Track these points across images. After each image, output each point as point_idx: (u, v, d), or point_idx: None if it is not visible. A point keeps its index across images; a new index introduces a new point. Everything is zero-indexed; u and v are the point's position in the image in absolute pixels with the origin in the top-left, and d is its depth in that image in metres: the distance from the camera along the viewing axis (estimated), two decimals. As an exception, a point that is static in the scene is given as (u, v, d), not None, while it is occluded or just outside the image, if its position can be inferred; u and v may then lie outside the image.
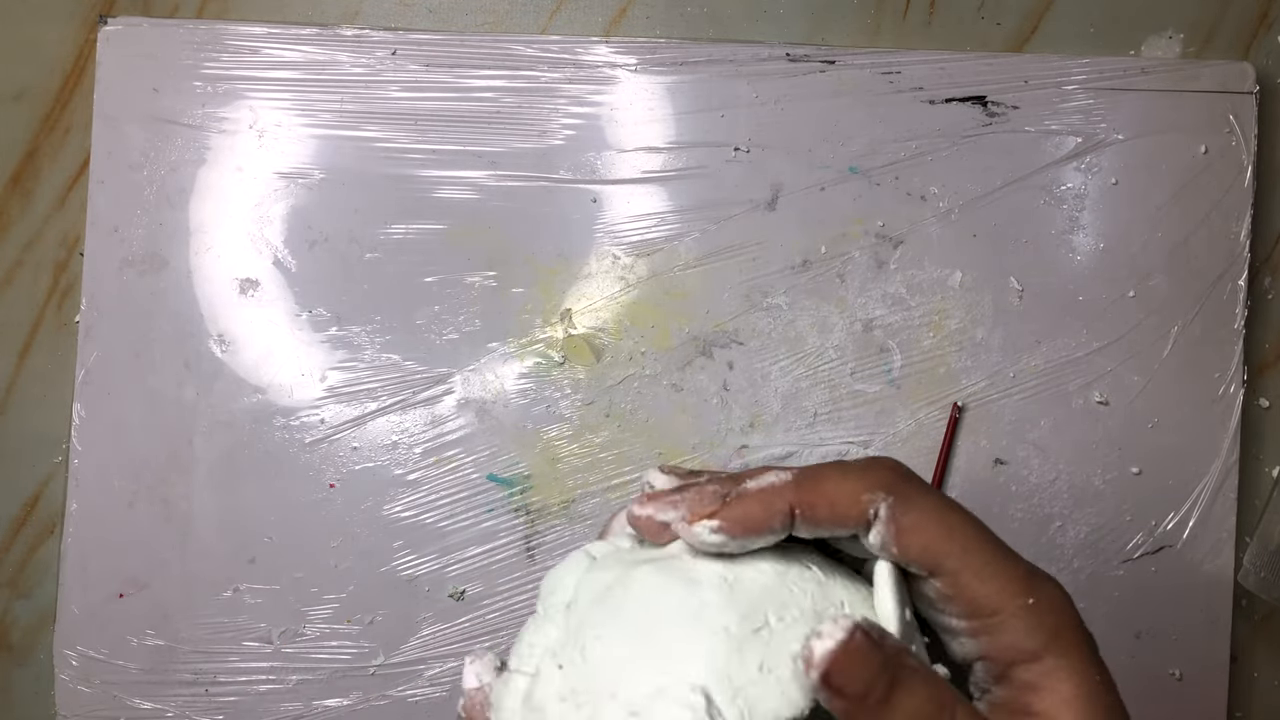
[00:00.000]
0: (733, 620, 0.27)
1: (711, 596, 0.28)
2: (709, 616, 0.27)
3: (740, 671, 0.26)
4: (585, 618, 0.29)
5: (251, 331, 0.57)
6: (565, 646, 0.29)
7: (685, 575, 0.29)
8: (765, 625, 0.27)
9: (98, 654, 0.56)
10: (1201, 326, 0.58)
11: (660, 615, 0.28)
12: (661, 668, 0.26)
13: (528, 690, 0.29)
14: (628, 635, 0.28)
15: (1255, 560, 0.57)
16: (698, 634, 0.27)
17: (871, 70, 0.58)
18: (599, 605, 0.29)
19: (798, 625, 0.27)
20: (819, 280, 0.58)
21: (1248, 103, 0.58)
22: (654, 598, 0.28)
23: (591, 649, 0.28)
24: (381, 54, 0.58)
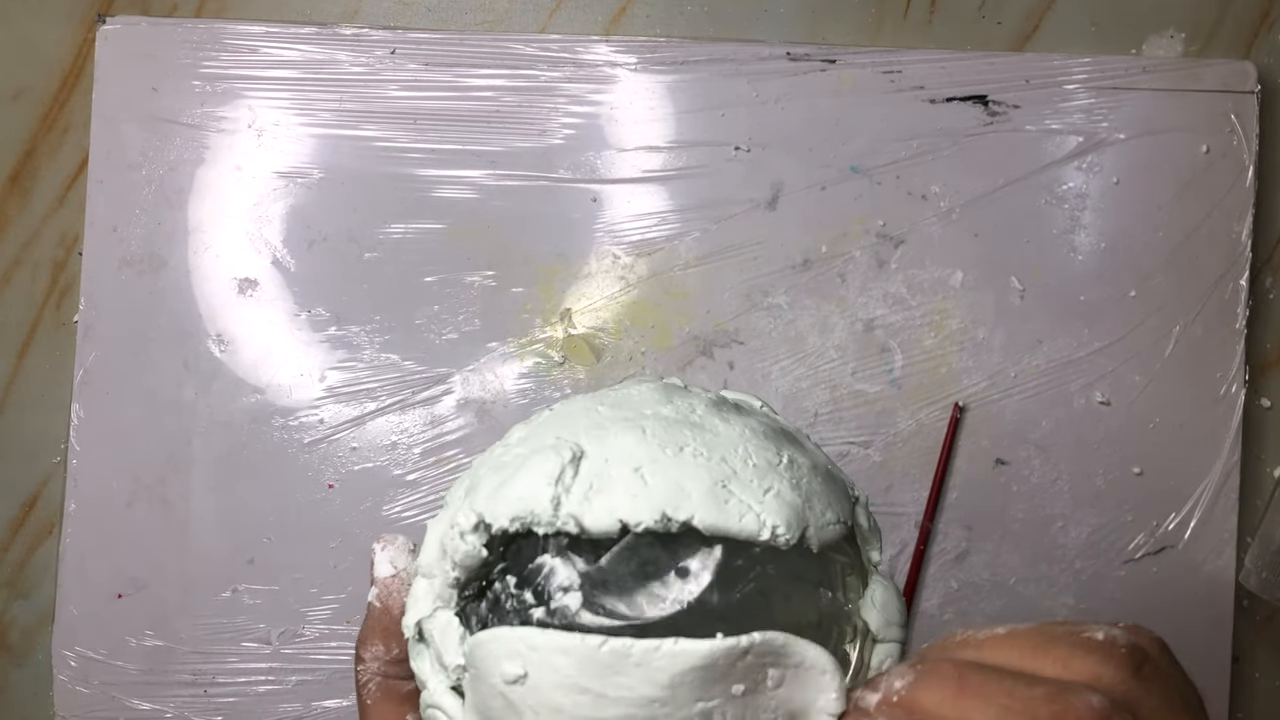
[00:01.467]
0: (658, 429, 0.27)
1: (667, 411, 0.28)
2: (647, 417, 0.28)
3: (620, 464, 0.26)
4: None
5: (250, 331, 0.57)
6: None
7: (669, 394, 0.29)
8: (680, 452, 0.26)
9: (97, 654, 0.56)
10: (1203, 326, 0.58)
11: (611, 402, 0.29)
12: (572, 431, 0.27)
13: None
14: (572, 410, 0.29)
15: (1257, 561, 0.57)
16: (622, 422, 0.27)
17: (872, 69, 0.58)
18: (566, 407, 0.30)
19: (703, 466, 0.26)
20: (820, 280, 0.58)
21: (1249, 102, 0.58)
22: (628, 393, 0.29)
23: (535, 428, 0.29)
24: (381, 53, 0.58)
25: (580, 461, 0.26)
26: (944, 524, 0.57)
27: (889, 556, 0.57)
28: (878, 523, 0.31)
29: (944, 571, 0.57)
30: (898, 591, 0.29)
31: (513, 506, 0.26)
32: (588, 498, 0.25)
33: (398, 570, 0.30)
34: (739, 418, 0.29)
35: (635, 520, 0.25)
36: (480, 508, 0.26)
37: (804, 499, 0.26)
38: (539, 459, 0.26)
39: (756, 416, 0.30)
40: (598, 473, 0.26)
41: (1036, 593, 0.57)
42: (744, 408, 0.31)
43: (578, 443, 0.27)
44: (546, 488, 0.26)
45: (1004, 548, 0.57)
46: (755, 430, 0.28)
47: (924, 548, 0.57)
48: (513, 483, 0.26)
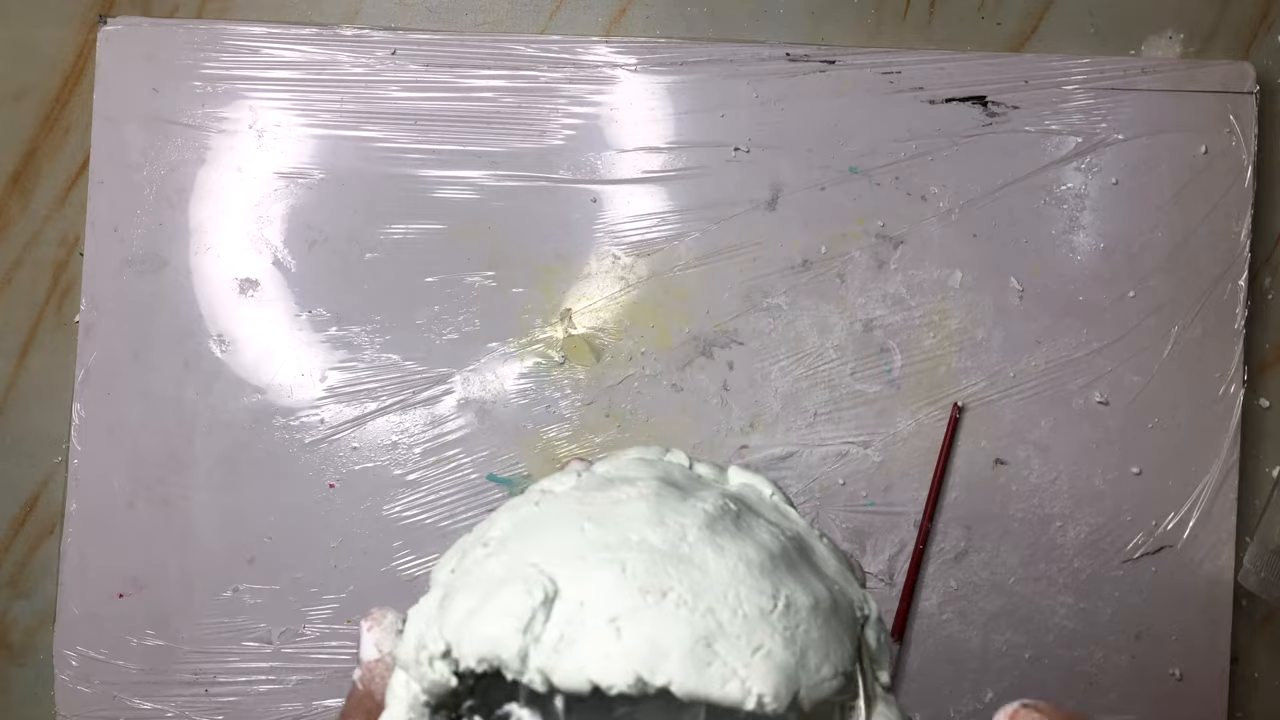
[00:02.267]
0: (639, 568, 0.24)
1: (654, 538, 0.25)
2: (632, 545, 0.25)
3: (595, 611, 0.24)
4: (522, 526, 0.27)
5: (251, 331, 0.57)
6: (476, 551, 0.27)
7: (663, 506, 0.27)
8: (661, 599, 0.24)
9: (97, 654, 0.56)
10: (1202, 326, 0.58)
11: (596, 517, 0.26)
12: (549, 558, 0.25)
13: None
14: (556, 518, 0.27)
15: (1255, 560, 0.57)
16: (602, 551, 0.25)
17: (872, 70, 0.58)
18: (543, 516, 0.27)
19: (685, 619, 0.24)
20: (819, 280, 0.58)
21: (1248, 103, 0.58)
22: (616, 500, 0.27)
23: (512, 541, 0.26)
24: (381, 54, 0.58)
25: (553, 604, 0.24)
26: (943, 523, 0.57)
27: (888, 556, 0.57)
28: (889, 636, 0.28)
29: (943, 571, 0.57)
30: (901, 715, 0.27)
31: (479, 647, 0.24)
32: (558, 650, 0.23)
33: (383, 654, 0.28)
34: (734, 542, 0.26)
35: (608, 683, 0.23)
36: (449, 635, 0.25)
37: (798, 656, 0.24)
38: (510, 594, 0.24)
39: (759, 530, 0.27)
40: (570, 619, 0.24)
41: (1035, 592, 0.57)
42: (748, 511, 0.28)
43: (553, 578, 0.24)
44: (515, 634, 0.23)
45: (1003, 547, 0.57)
46: (752, 562, 0.25)
47: (923, 547, 0.57)
48: (481, 617, 0.24)
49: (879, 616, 0.28)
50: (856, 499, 0.57)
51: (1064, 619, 0.57)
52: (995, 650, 0.57)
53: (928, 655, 0.57)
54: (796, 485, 0.57)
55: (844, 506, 0.57)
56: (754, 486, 0.30)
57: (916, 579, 0.57)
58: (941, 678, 0.57)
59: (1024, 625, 0.57)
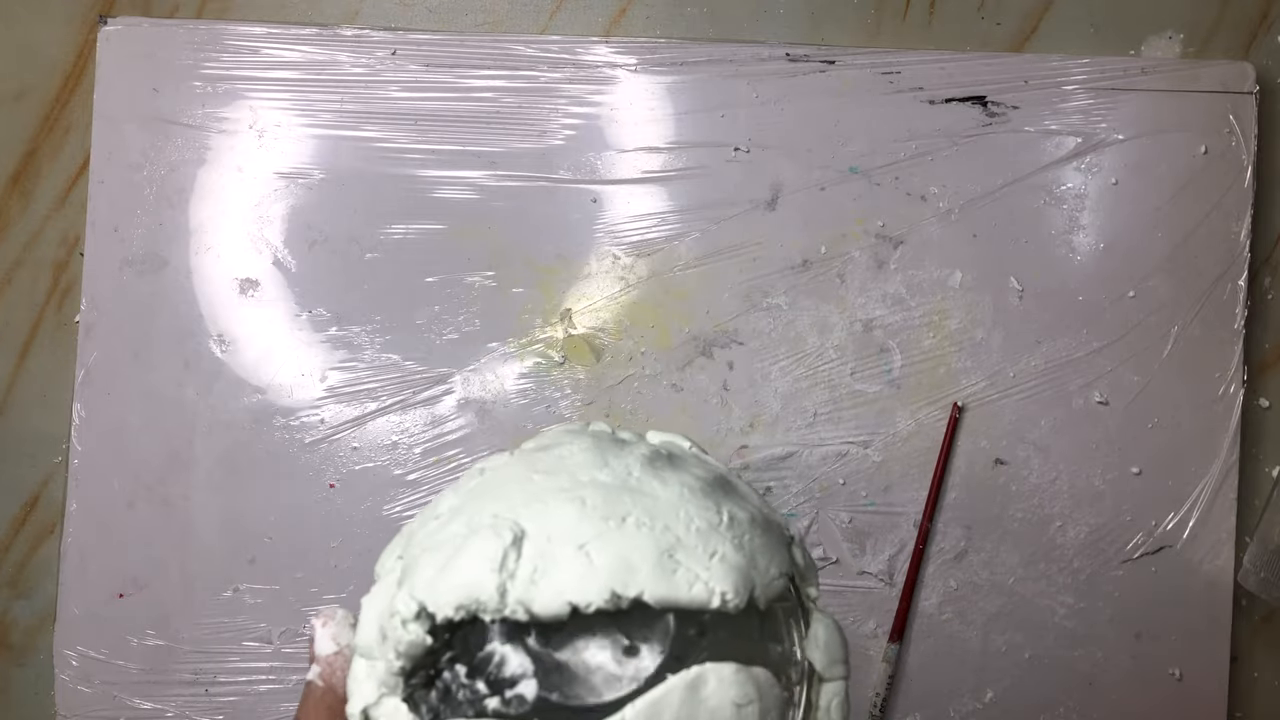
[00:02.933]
0: (598, 500, 0.26)
1: (603, 477, 0.27)
2: (584, 485, 0.27)
3: (563, 542, 0.25)
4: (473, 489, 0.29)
5: (251, 331, 0.57)
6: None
7: (603, 454, 0.29)
8: (622, 523, 0.26)
9: (98, 654, 0.56)
10: (1201, 326, 0.58)
11: (545, 469, 0.28)
12: (509, 507, 0.27)
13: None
14: (505, 479, 0.28)
15: (1255, 560, 0.57)
16: (559, 493, 0.27)
17: (871, 70, 0.58)
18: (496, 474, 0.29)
19: (648, 536, 0.26)
20: (819, 280, 0.58)
21: (1248, 103, 0.58)
22: (560, 456, 0.28)
23: (471, 492, 0.28)
24: (381, 54, 0.58)
25: (522, 542, 0.25)
26: (943, 523, 0.57)
27: (888, 556, 0.57)
28: (812, 557, 0.31)
29: (943, 571, 0.57)
30: (838, 626, 0.29)
31: (456, 594, 0.25)
32: (534, 581, 0.25)
33: (340, 647, 0.28)
34: (674, 474, 0.28)
35: (585, 601, 0.24)
36: (420, 595, 0.26)
37: (748, 558, 0.26)
38: (479, 541, 0.26)
39: (690, 467, 0.30)
40: (541, 553, 0.25)
41: (1035, 592, 0.57)
42: (676, 456, 0.31)
43: (517, 521, 0.26)
44: (491, 574, 0.25)
45: (1003, 547, 0.57)
46: (693, 488, 0.28)
47: (923, 547, 0.57)
48: (453, 568, 0.25)
49: (801, 538, 0.30)
50: (856, 499, 0.57)
51: (1064, 619, 0.57)
52: (995, 650, 0.57)
53: (928, 655, 0.57)
54: (796, 485, 0.57)
55: (844, 506, 0.57)
56: (674, 442, 0.33)
57: (916, 579, 0.57)
58: (941, 678, 0.57)
59: (1024, 625, 0.57)
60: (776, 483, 0.57)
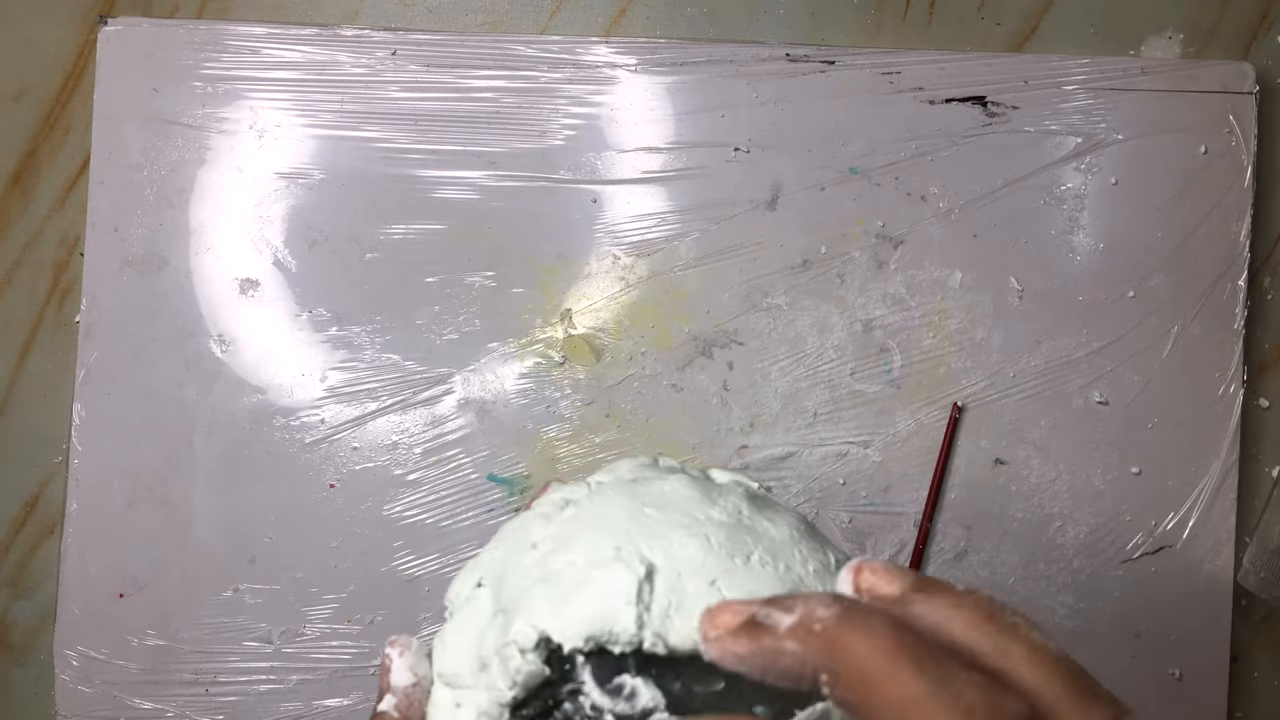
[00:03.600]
0: (721, 537, 0.27)
1: (718, 514, 0.28)
2: (702, 522, 0.28)
3: (694, 577, 0.26)
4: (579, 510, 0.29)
5: (251, 331, 0.57)
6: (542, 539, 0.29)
7: (707, 491, 0.29)
8: (747, 561, 0.27)
9: (98, 654, 0.56)
10: (1201, 326, 0.58)
11: (655, 503, 0.28)
12: (630, 539, 0.27)
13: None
14: (611, 511, 0.29)
15: (1255, 560, 0.57)
16: (680, 528, 0.27)
17: (871, 70, 0.58)
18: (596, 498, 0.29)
19: (772, 575, 0.27)
20: (819, 280, 0.58)
21: (1248, 103, 0.58)
22: (663, 490, 0.29)
23: (581, 524, 0.28)
24: (381, 54, 0.58)
25: (654, 576, 0.26)
26: (943, 523, 0.57)
27: (888, 556, 0.57)
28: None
29: (943, 571, 0.57)
30: None
31: (589, 626, 0.26)
32: (668, 614, 0.26)
33: (419, 678, 0.28)
34: (778, 514, 0.29)
35: None
36: (543, 625, 0.26)
37: None
38: (609, 573, 0.26)
39: (779, 508, 0.30)
40: (673, 587, 0.26)
41: (1035, 592, 0.57)
42: (760, 497, 0.31)
43: (644, 554, 0.27)
44: (628, 606, 0.26)
45: (1003, 547, 0.57)
46: (798, 529, 0.29)
47: (923, 547, 0.57)
48: (582, 599, 0.26)
49: None
50: (856, 499, 0.57)
51: (1064, 619, 0.57)
52: (995, 650, 0.57)
53: (928, 655, 0.57)
54: (796, 485, 0.57)
55: (844, 506, 0.57)
56: (741, 481, 0.33)
57: (916, 579, 0.57)
58: (941, 678, 0.57)
59: (1024, 625, 0.57)
60: (776, 483, 0.57)
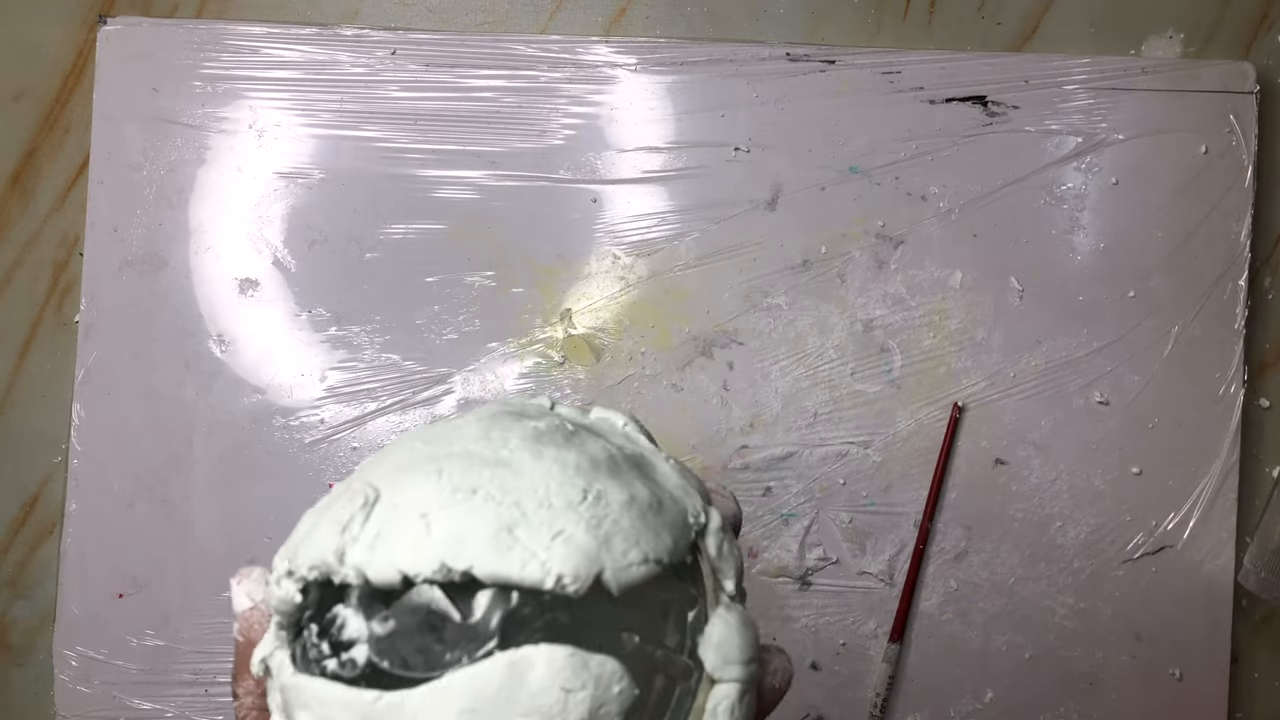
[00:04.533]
0: (454, 470, 0.26)
1: (474, 447, 0.27)
2: (448, 456, 0.27)
3: (410, 505, 0.25)
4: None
5: (251, 331, 0.57)
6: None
7: (495, 424, 0.28)
8: (471, 496, 0.25)
9: (98, 654, 0.56)
10: (1202, 326, 0.58)
11: (431, 437, 0.28)
12: (378, 471, 0.27)
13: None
14: (398, 445, 0.28)
15: (1256, 560, 0.57)
16: (424, 461, 0.26)
17: (871, 70, 0.58)
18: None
19: (492, 511, 0.25)
20: (819, 280, 0.58)
21: (1248, 103, 0.58)
22: (457, 426, 0.28)
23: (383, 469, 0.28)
24: (381, 54, 0.58)
25: (373, 507, 0.26)
26: (943, 523, 0.57)
27: (888, 556, 0.57)
28: (739, 550, 0.29)
29: (943, 571, 0.57)
30: (745, 623, 0.27)
31: (311, 555, 0.26)
32: (373, 547, 0.25)
33: (255, 603, 0.29)
34: (560, 450, 0.27)
35: (415, 571, 0.24)
36: (289, 553, 0.26)
37: (601, 541, 0.25)
38: (340, 504, 0.26)
39: (589, 445, 0.28)
40: (386, 520, 0.25)
41: (1035, 592, 0.57)
42: (587, 432, 0.29)
43: (376, 487, 0.26)
44: (334, 536, 0.25)
45: (1003, 547, 0.57)
46: (571, 465, 0.27)
47: (923, 547, 0.57)
48: (316, 529, 0.26)
49: (723, 526, 0.28)
50: (856, 499, 0.57)
51: (1064, 619, 0.57)
52: (995, 650, 0.57)
53: (928, 655, 0.57)
54: (796, 485, 0.57)
55: (844, 506, 0.57)
56: (608, 418, 0.32)
57: (916, 579, 0.57)
58: (941, 678, 0.57)
59: (1024, 625, 0.57)
60: (776, 483, 0.57)
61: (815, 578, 0.57)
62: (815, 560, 0.57)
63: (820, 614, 0.57)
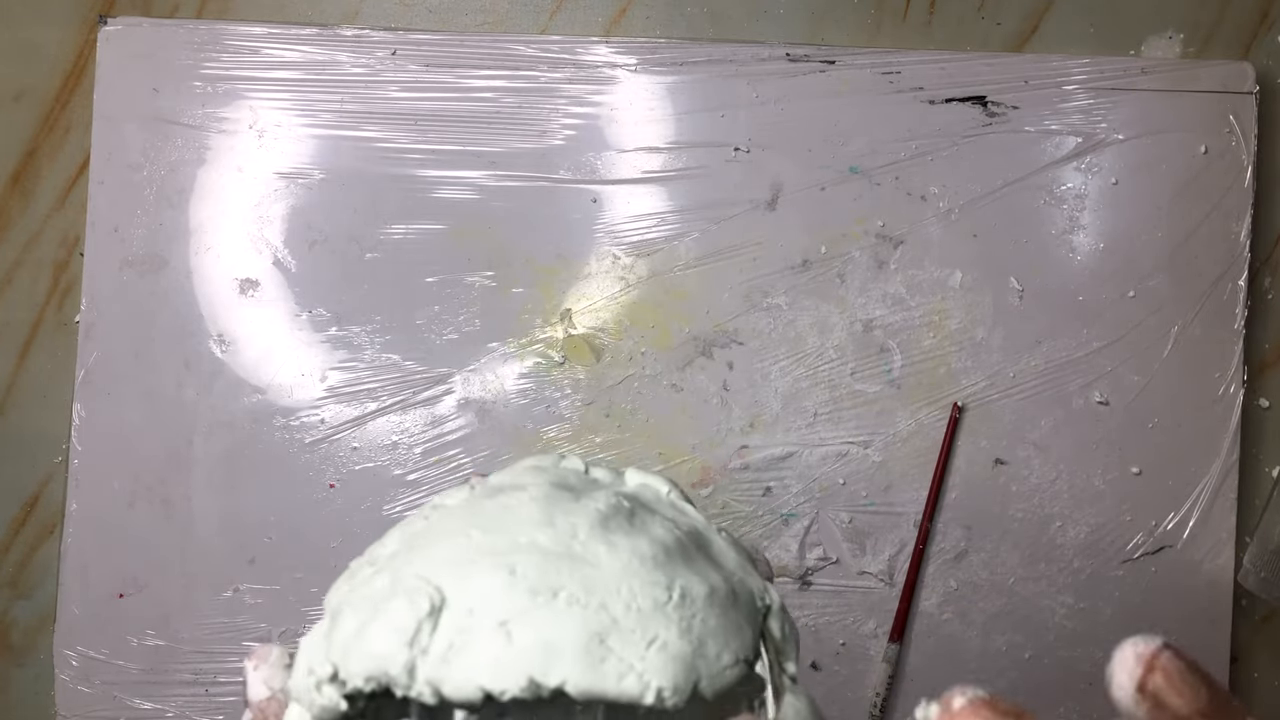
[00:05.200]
0: (530, 568, 0.24)
1: (544, 539, 0.25)
2: (520, 548, 0.24)
3: (485, 615, 0.23)
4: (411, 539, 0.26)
5: (251, 331, 0.57)
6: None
7: (556, 505, 0.26)
8: (553, 599, 0.23)
9: (98, 654, 0.56)
10: (1202, 326, 0.58)
11: (485, 524, 0.25)
12: (435, 567, 0.24)
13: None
14: (445, 529, 0.26)
15: (1255, 560, 0.57)
16: (490, 556, 0.24)
17: (871, 70, 0.58)
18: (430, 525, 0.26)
19: (578, 617, 0.23)
20: (819, 280, 0.58)
21: (1248, 103, 0.58)
22: (507, 505, 0.26)
23: (410, 547, 0.26)
24: (381, 54, 0.58)
25: (440, 613, 0.23)
26: (943, 523, 0.57)
27: (888, 556, 0.57)
28: (795, 628, 0.28)
29: (943, 571, 0.57)
30: (813, 711, 0.26)
31: (367, 665, 0.23)
32: (446, 659, 0.23)
33: (274, 692, 0.26)
34: (629, 537, 0.25)
35: (500, 688, 0.22)
36: (336, 657, 0.24)
37: (695, 645, 0.23)
38: (396, 606, 0.24)
39: (656, 524, 0.27)
40: (459, 627, 0.23)
41: (1035, 592, 0.57)
42: (644, 508, 0.28)
43: (439, 587, 0.24)
44: (402, 649, 0.23)
45: (1003, 547, 0.57)
46: (646, 556, 0.25)
47: (923, 547, 0.57)
48: (368, 634, 0.23)
49: (782, 607, 0.27)
50: (856, 499, 0.57)
51: (1064, 619, 0.57)
52: (995, 650, 0.57)
53: (928, 655, 0.57)
54: (796, 485, 0.57)
55: (844, 506, 0.57)
56: (650, 485, 0.30)
57: (916, 579, 0.57)
58: (941, 678, 0.57)
59: (1024, 625, 0.57)
60: (776, 483, 0.57)
61: (815, 578, 0.57)
62: (815, 560, 0.57)
63: (820, 614, 0.57)
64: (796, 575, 0.57)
